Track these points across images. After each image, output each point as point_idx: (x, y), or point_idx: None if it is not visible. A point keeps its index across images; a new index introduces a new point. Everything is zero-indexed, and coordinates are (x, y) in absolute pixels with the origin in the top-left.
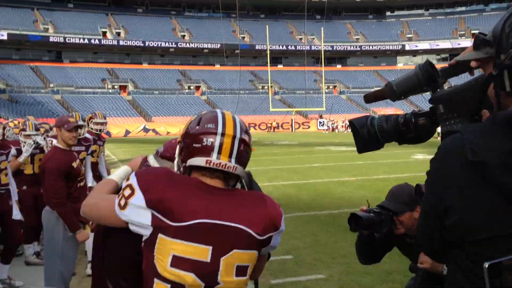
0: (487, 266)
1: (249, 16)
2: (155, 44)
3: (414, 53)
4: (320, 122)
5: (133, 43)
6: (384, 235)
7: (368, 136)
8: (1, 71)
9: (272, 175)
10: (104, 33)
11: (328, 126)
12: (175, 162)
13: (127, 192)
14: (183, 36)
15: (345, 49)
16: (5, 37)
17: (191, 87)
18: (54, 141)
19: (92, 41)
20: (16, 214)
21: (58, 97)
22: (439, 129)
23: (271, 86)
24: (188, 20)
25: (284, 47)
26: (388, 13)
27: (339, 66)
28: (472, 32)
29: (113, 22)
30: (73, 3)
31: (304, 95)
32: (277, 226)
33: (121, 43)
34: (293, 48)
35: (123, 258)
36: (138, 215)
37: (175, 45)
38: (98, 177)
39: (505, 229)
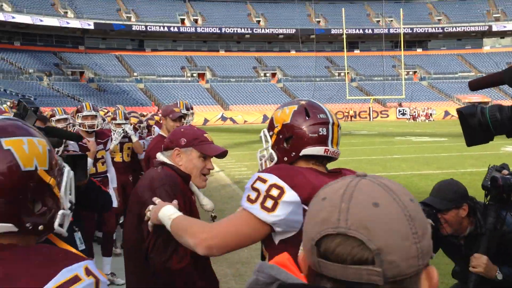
0: None
1: None
2: (231, 30)
3: (502, 34)
4: (399, 111)
5: (210, 30)
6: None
7: (479, 126)
8: (89, 60)
9: (350, 166)
10: (182, 21)
11: (410, 115)
12: (269, 152)
13: (274, 192)
14: (258, 21)
15: (426, 31)
16: (92, 27)
17: (267, 74)
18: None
19: (172, 29)
20: (113, 202)
21: (141, 86)
22: None
23: (348, 73)
24: (263, 5)
25: (361, 31)
26: None
27: (419, 50)
28: None
29: (190, 8)
30: None
31: (382, 82)
32: None
33: (199, 30)
34: (370, 31)
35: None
36: (292, 212)
37: (251, 31)
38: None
39: None
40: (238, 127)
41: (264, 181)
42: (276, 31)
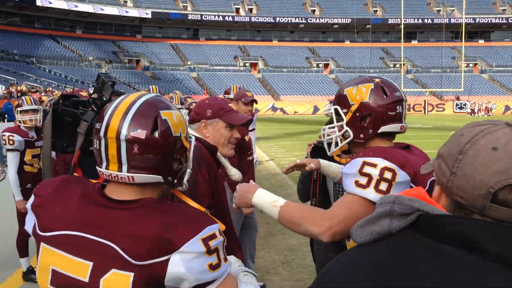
0: None
1: None
2: (285, 20)
3: None
4: (456, 104)
5: (264, 19)
6: None
7: None
8: (145, 48)
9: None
10: (237, 10)
11: (470, 109)
12: (344, 129)
13: (388, 175)
14: (313, 11)
15: (489, 22)
16: (149, 16)
17: (320, 65)
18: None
19: (226, 18)
20: None
21: (194, 75)
22: None
23: (404, 64)
24: None
25: (420, 21)
26: None
27: (481, 42)
28: None
29: None
30: None
31: (440, 74)
32: None
33: (253, 19)
34: (429, 21)
35: None
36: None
37: (305, 21)
38: None
39: None
40: (289, 117)
41: (373, 165)
42: (331, 20)
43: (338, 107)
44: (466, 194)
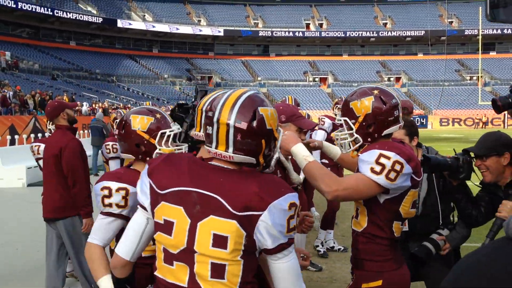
0: None
1: None
2: (355, 34)
3: None
4: None
5: (334, 34)
6: (462, 179)
7: None
8: (217, 65)
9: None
10: (308, 25)
11: None
12: (354, 136)
13: (397, 167)
14: (385, 24)
15: None
16: (221, 33)
17: (391, 79)
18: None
19: (296, 33)
20: None
21: (264, 90)
22: None
23: (481, 76)
24: (390, 7)
25: (499, 31)
26: None
27: None
28: None
29: (316, 13)
30: None
31: None
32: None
33: (323, 34)
34: (509, 31)
35: None
36: (405, 180)
37: (376, 34)
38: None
39: None
40: None
41: (388, 158)
42: (403, 33)
43: (347, 118)
44: None
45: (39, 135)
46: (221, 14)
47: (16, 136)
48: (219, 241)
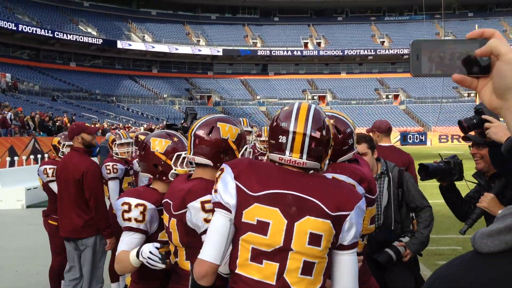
0: None
1: (455, 15)
2: (353, 52)
3: None
4: None
5: (332, 52)
6: (453, 180)
7: None
8: (216, 84)
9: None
10: (306, 44)
11: None
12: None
13: None
14: (382, 42)
15: None
16: (220, 53)
17: (389, 96)
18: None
19: (295, 52)
20: None
21: (263, 109)
22: None
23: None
24: (388, 25)
25: None
26: None
27: None
28: None
29: (314, 32)
30: (278, 16)
31: None
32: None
33: (321, 53)
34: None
35: None
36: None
37: (374, 53)
38: None
39: None
40: None
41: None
42: (401, 51)
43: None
44: None
45: (39, 156)
46: (220, 34)
47: (16, 158)
48: (314, 240)
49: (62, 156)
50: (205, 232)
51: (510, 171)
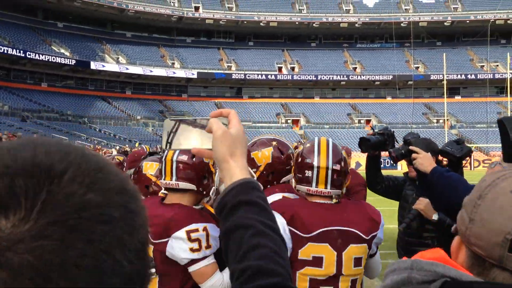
0: None
1: (424, 44)
2: (326, 77)
3: None
4: None
5: (306, 77)
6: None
7: None
8: (191, 107)
9: None
10: (280, 69)
11: None
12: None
13: None
14: (355, 68)
15: None
16: (195, 76)
17: (362, 121)
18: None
19: (269, 76)
20: None
21: None
22: None
23: (447, 119)
24: (359, 52)
25: (463, 76)
26: None
27: None
28: None
29: (288, 57)
30: (253, 41)
31: (485, 129)
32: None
33: (295, 77)
34: (473, 77)
35: None
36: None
37: (346, 78)
38: None
39: None
40: None
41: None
42: (373, 77)
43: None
44: (483, 243)
45: None
46: (195, 57)
47: None
48: (358, 262)
49: None
50: (191, 263)
51: (433, 196)
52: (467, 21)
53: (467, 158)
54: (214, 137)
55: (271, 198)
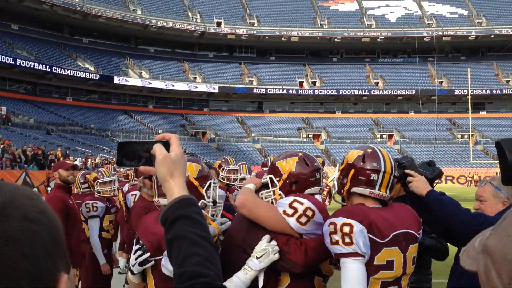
0: None
1: (448, 59)
2: (348, 92)
3: None
4: None
5: (328, 92)
6: None
7: None
8: (212, 121)
9: None
10: (301, 83)
11: None
12: (278, 193)
13: (309, 212)
14: (377, 83)
15: None
16: (216, 90)
17: (384, 136)
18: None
19: (290, 91)
20: None
21: (258, 146)
22: None
23: (472, 135)
24: (382, 67)
25: (488, 91)
26: None
27: None
28: None
29: (309, 72)
30: (274, 56)
31: None
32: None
33: (316, 92)
34: (498, 92)
35: None
36: (316, 228)
37: (368, 93)
38: None
39: None
40: None
41: (301, 203)
42: (395, 92)
43: (272, 176)
44: (497, 269)
45: None
46: (217, 72)
47: None
48: (414, 260)
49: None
50: None
51: (428, 218)
52: (492, 36)
53: (438, 179)
54: (156, 161)
55: (311, 199)
